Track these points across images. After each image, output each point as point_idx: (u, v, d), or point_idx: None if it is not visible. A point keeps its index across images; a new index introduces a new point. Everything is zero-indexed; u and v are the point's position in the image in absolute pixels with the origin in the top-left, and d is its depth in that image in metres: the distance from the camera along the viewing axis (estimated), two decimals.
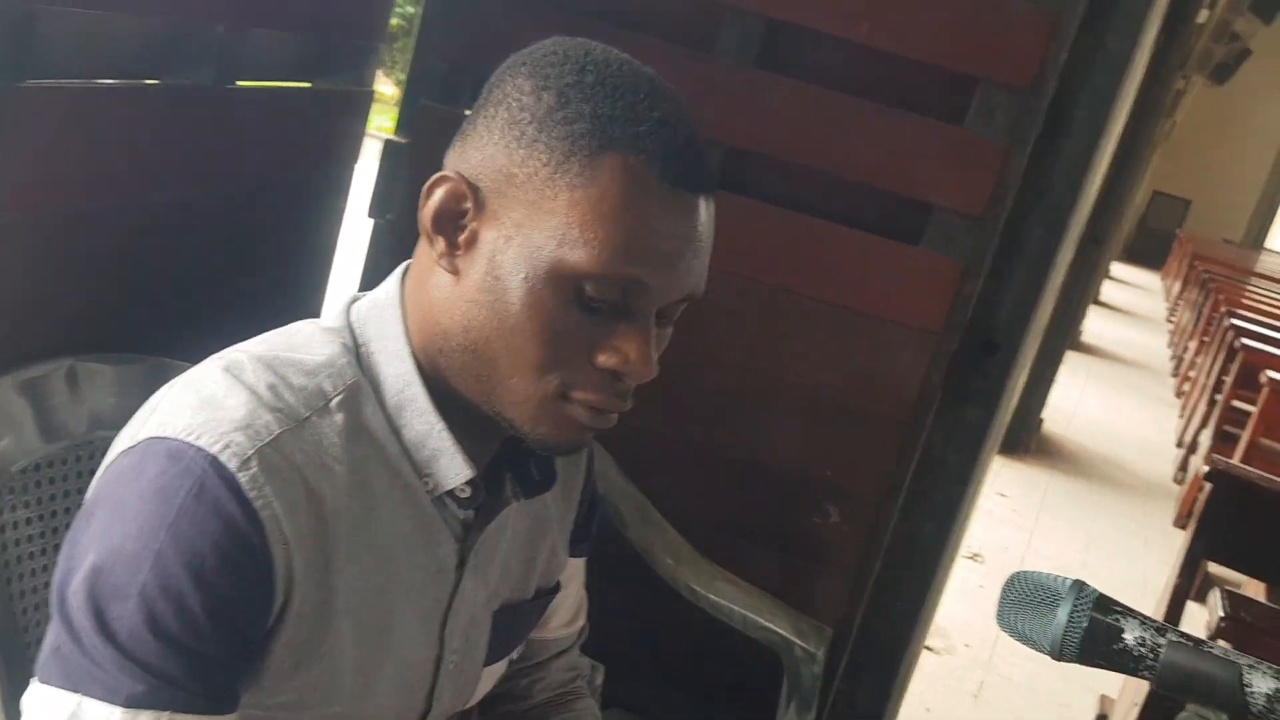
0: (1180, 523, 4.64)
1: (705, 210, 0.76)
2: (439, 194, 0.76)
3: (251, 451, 0.69)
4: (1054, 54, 1.55)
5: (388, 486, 0.77)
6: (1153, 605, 2.70)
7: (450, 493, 0.80)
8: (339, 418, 0.75)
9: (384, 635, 0.79)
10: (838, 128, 1.59)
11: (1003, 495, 4.45)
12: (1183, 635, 0.60)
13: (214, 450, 0.68)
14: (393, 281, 0.82)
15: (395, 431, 0.78)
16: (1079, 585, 0.64)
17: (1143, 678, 0.60)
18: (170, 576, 0.66)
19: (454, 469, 0.78)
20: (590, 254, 0.71)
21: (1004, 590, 0.65)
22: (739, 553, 1.61)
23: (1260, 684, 0.57)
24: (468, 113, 0.79)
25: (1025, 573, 0.65)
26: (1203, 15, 6.33)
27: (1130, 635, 0.60)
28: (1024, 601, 0.64)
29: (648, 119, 0.72)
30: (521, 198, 0.73)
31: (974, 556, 3.71)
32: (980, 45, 1.56)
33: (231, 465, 0.68)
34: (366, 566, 0.76)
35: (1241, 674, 0.57)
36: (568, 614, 1.05)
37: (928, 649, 2.75)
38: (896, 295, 1.60)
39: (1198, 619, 2.70)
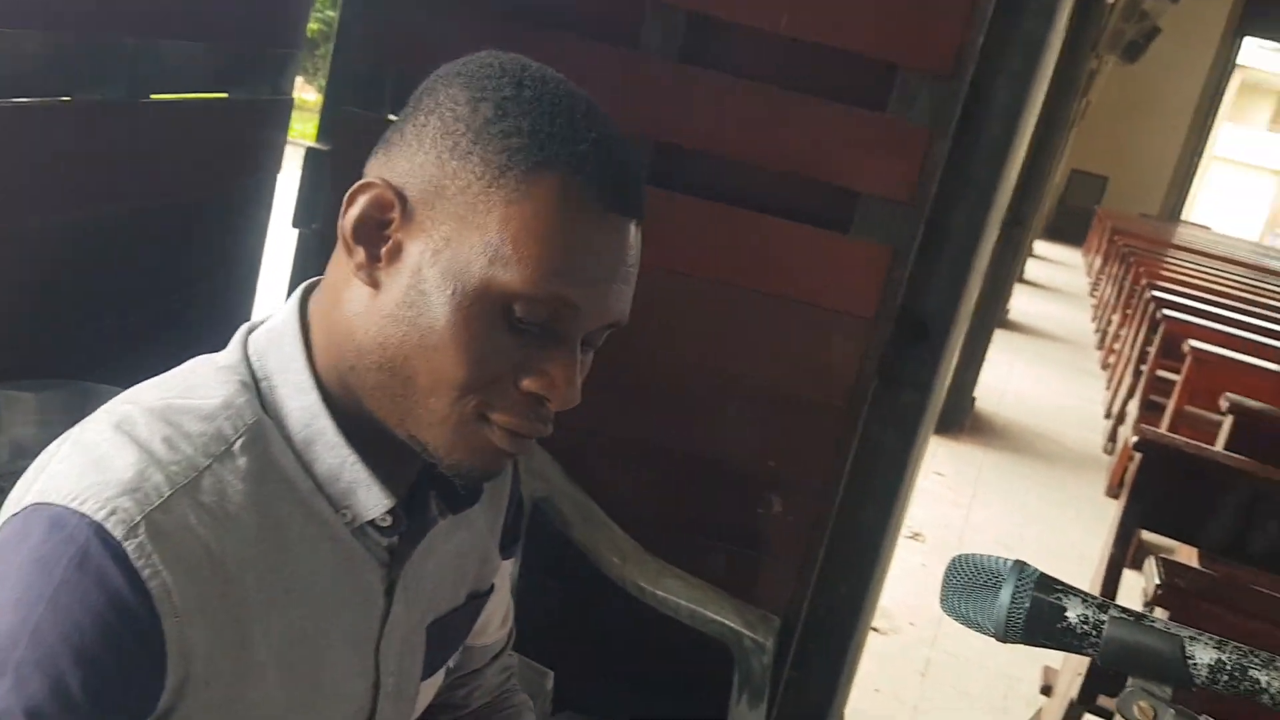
0: (1112, 492, 4.75)
1: (636, 236, 0.75)
2: (362, 201, 0.73)
3: (139, 517, 0.65)
4: (971, 39, 1.58)
5: (302, 525, 0.74)
6: (1090, 574, 2.76)
7: (371, 522, 0.77)
8: (242, 461, 0.71)
9: (316, 674, 0.76)
10: (763, 119, 1.60)
11: (940, 474, 4.52)
12: (1124, 610, 0.61)
13: (98, 517, 0.64)
14: (291, 306, 0.78)
15: (306, 467, 0.74)
16: (1020, 566, 0.64)
17: (1087, 655, 0.61)
18: (48, 653, 0.62)
19: (371, 500, 0.75)
20: (523, 272, 0.70)
21: (946, 575, 0.66)
22: (685, 548, 1.61)
23: (1202, 655, 0.58)
24: (392, 119, 0.77)
25: (966, 556, 0.66)
26: None
27: (1073, 613, 0.61)
28: (966, 585, 0.64)
29: (586, 139, 0.71)
30: (452, 210, 0.71)
31: (915, 536, 3.76)
32: (899, 33, 1.58)
33: (117, 533, 0.64)
34: (287, 610, 0.73)
35: (1183, 646, 0.58)
36: (500, 616, 1.05)
37: (874, 630, 2.78)
38: (829, 284, 1.61)
39: (1135, 587, 2.78)
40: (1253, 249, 16.37)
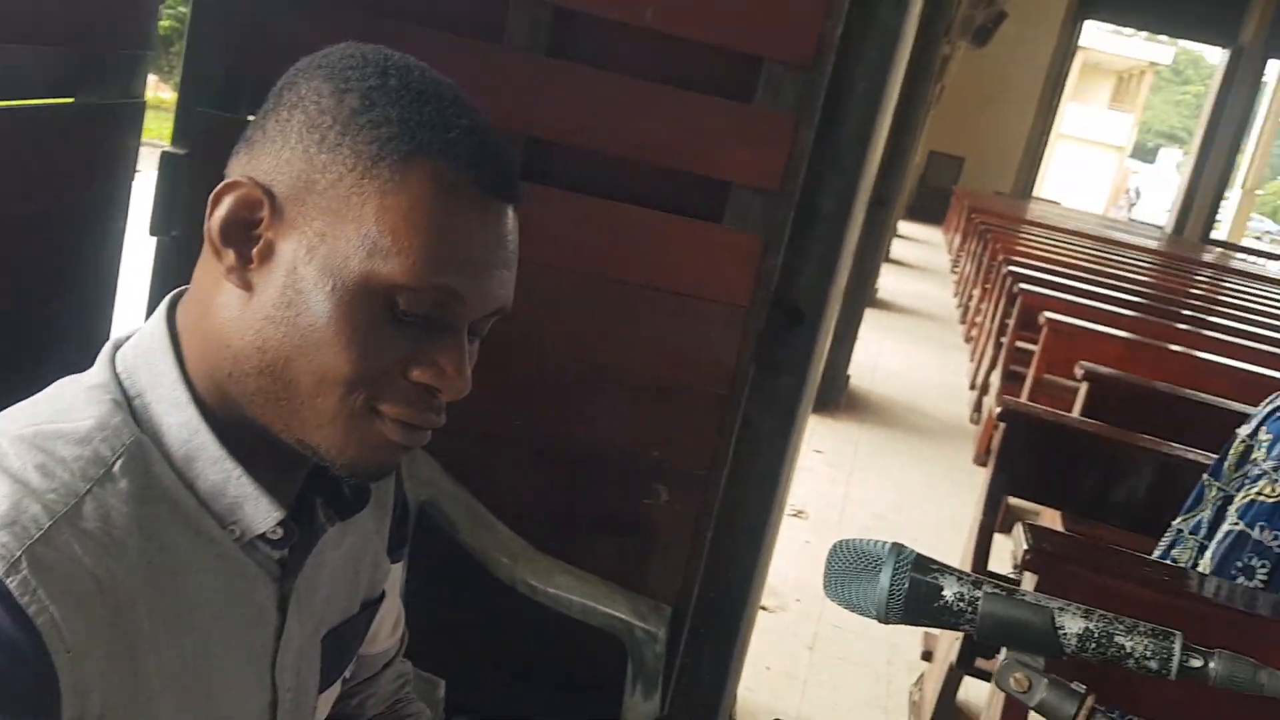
0: (979, 460, 4.95)
1: (513, 220, 0.75)
2: (228, 202, 0.71)
3: (19, 552, 0.62)
4: (830, 30, 1.62)
5: (189, 545, 0.72)
6: (964, 541, 2.87)
7: (261, 535, 0.75)
8: (123, 484, 0.68)
9: (212, 697, 0.74)
10: (633, 112, 1.61)
11: (819, 452, 4.63)
12: (997, 585, 0.64)
13: None
14: (158, 318, 0.75)
15: (188, 485, 0.72)
16: (897, 548, 0.67)
17: (964, 631, 0.63)
18: None
19: (261, 513, 0.73)
20: (404, 264, 0.68)
21: (828, 562, 0.67)
22: (574, 543, 1.62)
23: (1071, 625, 0.61)
24: (251, 119, 0.75)
25: (846, 542, 0.68)
26: None
27: (949, 591, 0.63)
28: (847, 571, 0.66)
29: (457, 125, 0.71)
30: (324, 205, 0.69)
31: (798, 514, 3.85)
32: (762, 25, 1.60)
33: None
34: (179, 635, 0.71)
35: (1053, 617, 0.61)
36: (391, 622, 1.03)
37: (763, 609, 2.84)
38: (705, 274, 1.64)
39: (1008, 550, 2.90)
40: (1098, 221, 17.24)
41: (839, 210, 1.74)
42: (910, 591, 0.64)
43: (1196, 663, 0.58)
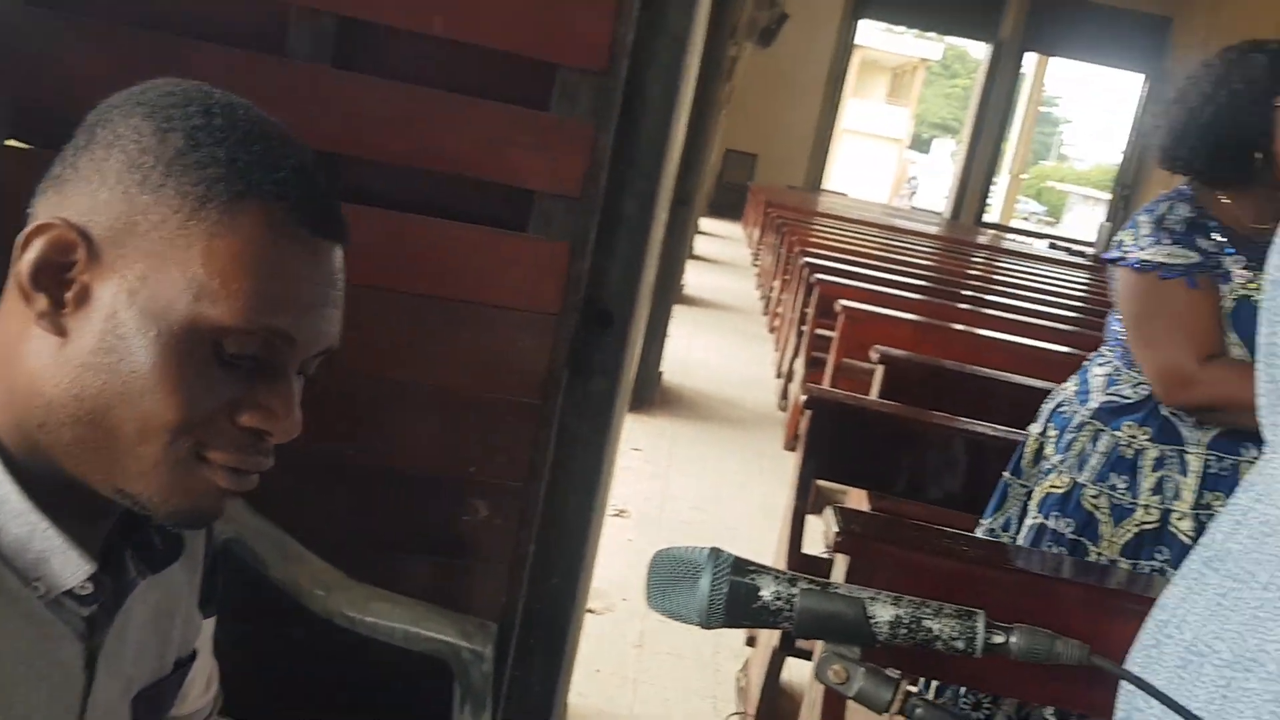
0: (789, 445, 5.13)
1: (341, 259, 0.74)
2: (39, 244, 0.67)
3: None
4: (622, 36, 1.63)
5: None
6: (779, 526, 2.97)
7: (68, 592, 0.70)
8: None
9: None
10: (427, 123, 1.58)
11: (637, 450, 4.69)
12: (812, 581, 0.66)
13: None
14: None
15: None
16: (715, 553, 0.68)
17: (783, 629, 0.65)
18: None
19: (69, 568, 0.69)
20: (233, 306, 0.67)
21: (649, 573, 0.68)
22: (393, 568, 1.57)
23: (882, 613, 0.64)
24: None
25: (665, 551, 0.69)
26: None
27: (766, 591, 0.65)
28: (667, 580, 0.67)
29: (286, 165, 0.69)
30: (146, 248, 0.66)
31: (620, 513, 3.89)
32: (554, 32, 1.60)
33: None
34: None
35: (865, 607, 0.64)
36: (204, 680, 0.98)
37: (590, 612, 2.85)
38: (512, 283, 1.62)
39: (820, 532, 3.02)
40: (884, 210, 18.19)
41: (642, 212, 1.76)
42: (730, 595, 0.65)
43: (999, 639, 0.62)
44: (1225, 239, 1.89)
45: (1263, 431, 1.17)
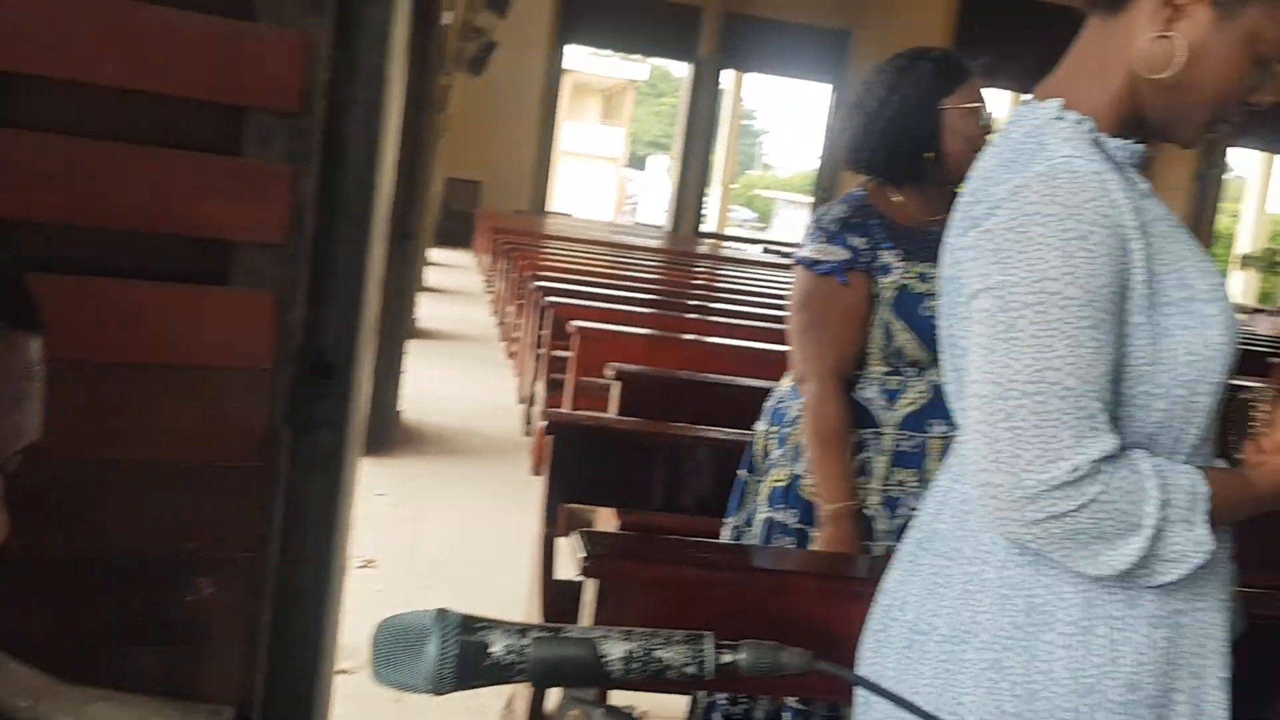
0: (537, 470, 5.13)
1: (39, 348, 0.72)
2: None
3: None
4: (315, 75, 1.57)
5: None
6: (532, 555, 2.95)
7: None
8: None
9: None
10: (105, 178, 1.46)
11: (381, 495, 4.55)
12: (544, 628, 0.65)
13: None
14: None
15: None
16: (442, 614, 0.65)
17: (519, 682, 0.64)
18: None
19: None
20: None
21: (371, 647, 0.65)
22: (119, 664, 1.44)
23: (614, 650, 0.63)
24: None
25: (387, 621, 0.66)
26: (448, 17, 6.91)
27: (497, 647, 0.63)
28: (392, 650, 0.64)
29: None
30: None
31: (368, 564, 3.75)
32: (241, 76, 1.52)
33: None
34: None
35: (596, 647, 0.63)
36: None
37: (342, 673, 2.72)
38: (217, 341, 1.52)
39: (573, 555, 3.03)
40: (608, 228, 18.64)
41: (355, 253, 1.71)
42: (460, 656, 0.63)
43: (727, 658, 0.63)
44: (885, 235, 2.08)
45: (954, 416, 1.28)
